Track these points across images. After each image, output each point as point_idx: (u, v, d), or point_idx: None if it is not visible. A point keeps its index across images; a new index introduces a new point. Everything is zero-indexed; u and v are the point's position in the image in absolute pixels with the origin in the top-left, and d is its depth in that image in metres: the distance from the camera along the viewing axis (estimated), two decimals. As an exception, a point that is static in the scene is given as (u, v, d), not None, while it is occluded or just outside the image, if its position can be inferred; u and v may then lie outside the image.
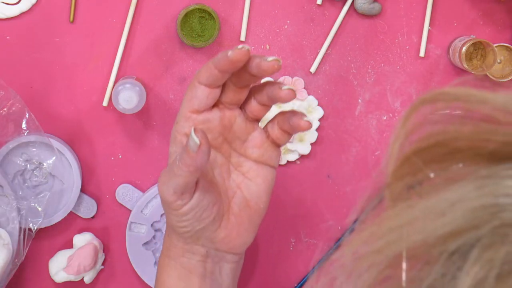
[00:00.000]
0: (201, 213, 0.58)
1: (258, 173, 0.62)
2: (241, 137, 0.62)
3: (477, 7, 0.84)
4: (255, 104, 0.61)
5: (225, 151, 0.62)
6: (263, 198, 0.62)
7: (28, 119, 0.78)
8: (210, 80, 0.58)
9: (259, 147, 0.62)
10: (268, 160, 0.62)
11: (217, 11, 0.81)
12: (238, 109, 0.62)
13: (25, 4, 0.80)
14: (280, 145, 0.63)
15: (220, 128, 0.61)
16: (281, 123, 0.61)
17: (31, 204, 0.79)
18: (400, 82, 0.84)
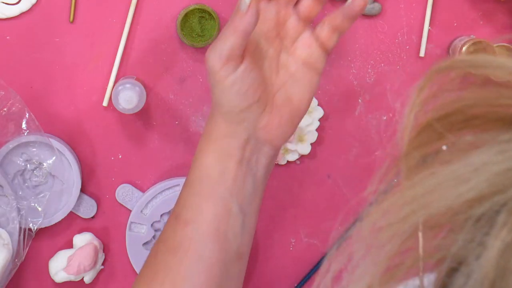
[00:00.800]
0: (246, 88, 0.60)
1: (305, 75, 0.63)
2: (293, 36, 0.64)
3: (477, 7, 0.84)
4: (308, 1, 0.63)
5: (276, 46, 0.64)
6: (305, 100, 0.63)
7: (28, 119, 0.78)
8: None
9: (308, 47, 0.63)
10: (315, 63, 0.63)
11: (217, 11, 0.81)
12: (293, 8, 0.64)
13: (25, 4, 0.79)
14: (328, 48, 0.63)
15: (275, 22, 0.63)
16: (331, 19, 0.63)
17: (31, 204, 0.79)
18: (400, 82, 0.84)
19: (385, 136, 0.85)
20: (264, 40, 0.63)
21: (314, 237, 0.85)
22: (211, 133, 0.63)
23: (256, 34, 0.62)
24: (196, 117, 0.83)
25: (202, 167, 0.63)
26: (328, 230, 0.86)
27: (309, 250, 0.85)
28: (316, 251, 0.85)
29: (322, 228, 0.85)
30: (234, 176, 0.62)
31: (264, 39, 0.63)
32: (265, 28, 0.63)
